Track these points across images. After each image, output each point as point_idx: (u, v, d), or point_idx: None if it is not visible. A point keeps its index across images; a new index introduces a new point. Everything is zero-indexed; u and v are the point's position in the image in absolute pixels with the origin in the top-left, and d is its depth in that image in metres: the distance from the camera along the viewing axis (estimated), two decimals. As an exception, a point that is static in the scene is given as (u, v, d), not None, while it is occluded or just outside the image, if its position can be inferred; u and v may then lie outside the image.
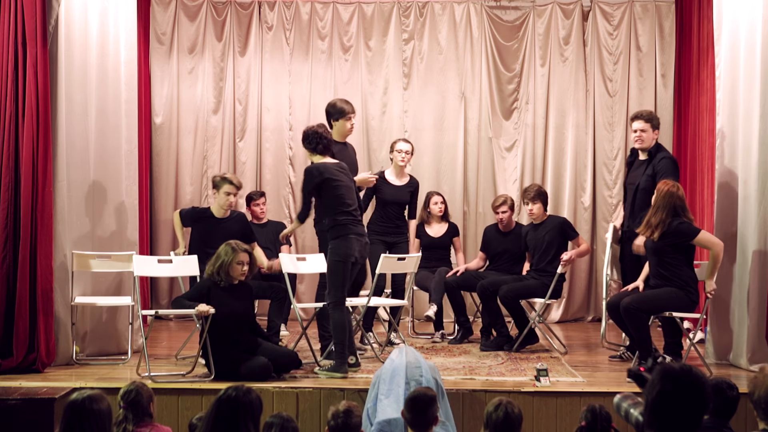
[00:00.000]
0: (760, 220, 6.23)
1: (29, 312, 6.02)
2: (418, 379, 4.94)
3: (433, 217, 7.86)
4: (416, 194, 7.53)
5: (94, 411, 3.55)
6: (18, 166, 6.07)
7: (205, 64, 9.27)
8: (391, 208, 7.35)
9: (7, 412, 5.20)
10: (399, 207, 7.38)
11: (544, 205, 7.25)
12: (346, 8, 9.28)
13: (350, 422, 3.84)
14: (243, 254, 5.83)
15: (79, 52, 6.44)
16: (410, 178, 7.52)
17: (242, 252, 5.83)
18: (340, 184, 6.05)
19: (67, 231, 6.35)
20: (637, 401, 3.39)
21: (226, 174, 6.99)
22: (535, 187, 7.32)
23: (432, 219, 7.87)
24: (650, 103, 9.06)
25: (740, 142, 6.42)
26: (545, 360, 6.54)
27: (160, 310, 6.75)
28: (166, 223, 9.01)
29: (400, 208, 7.39)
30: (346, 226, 6.00)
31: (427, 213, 7.88)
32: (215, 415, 3.49)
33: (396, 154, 7.41)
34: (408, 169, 7.60)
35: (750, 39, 6.32)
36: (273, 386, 5.57)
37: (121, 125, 6.82)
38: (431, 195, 7.93)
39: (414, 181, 7.55)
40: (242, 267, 5.82)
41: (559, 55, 9.16)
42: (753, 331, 6.24)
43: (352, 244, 5.98)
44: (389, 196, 7.33)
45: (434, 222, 7.87)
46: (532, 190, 7.25)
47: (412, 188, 7.46)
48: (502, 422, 3.68)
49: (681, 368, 2.79)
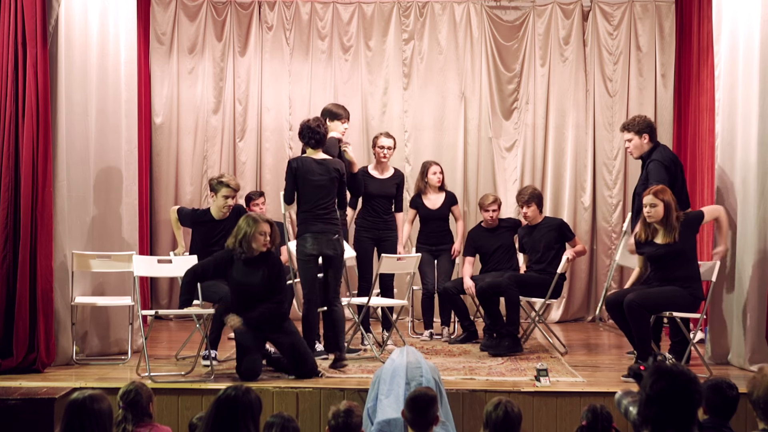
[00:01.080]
0: (759, 220, 6.24)
1: (29, 312, 6.01)
2: (418, 379, 4.94)
3: (430, 187, 7.77)
4: (402, 186, 7.53)
5: (95, 411, 3.55)
6: (18, 166, 6.07)
7: (205, 64, 9.27)
8: (377, 202, 7.36)
9: (7, 412, 5.20)
10: (385, 200, 7.38)
11: (539, 207, 7.23)
12: (346, 8, 9.28)
13: (351, 422, 3.84)
14: (264, 225, 5.83)
15: (79, 52, 6.44)
16: (394, 171, 7.52)
17: (263, 222, 5.84)
18: (311, 181, 6.27)
19: (67, 231, 6.35)
20: (637, 399, 3.41)
21: (223, 177, 6.82)
22: (529, 190, 7.29)
23: (429, 189, 7.78)
24: (650, 103, 9.07)
25: (739, 142, 6.42)
26: (545, 360, 6.54)
27: (160, 310, 6.76)
28: (166, 223, 9.01)
29: (386, 202, 7.38)
30: (304, 224, 6.29)
31: (425, 183, 7.79)
32: (215, 415, 3.49)
33: (378, 150, 7.44)
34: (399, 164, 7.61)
35: (749, 38, 6.31)
36: (273, 386, 5.57)
37: (121, 125, 6.82)
38: (429, 165, 7.84)
39: (398, 173, 7.55)
40: (264, 238, 5.82)
41: (559, 55, 9.16)
42: (753, 331, 6.23)
43: (306, 242, 6.25)
44: (375, 190, 7.35)
45: (431, 192, 7.79)
46: (526, 193, 7.23)
47: (397, 180, 7.46)
48: (502, 422, 3.68)
49: (673, 366, 2.93)
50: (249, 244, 5.79)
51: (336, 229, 6.38)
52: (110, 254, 6.51)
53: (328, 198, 6.33)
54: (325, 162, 6.39)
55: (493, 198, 7.61)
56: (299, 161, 6.36)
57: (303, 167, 6.31)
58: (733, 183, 6.46)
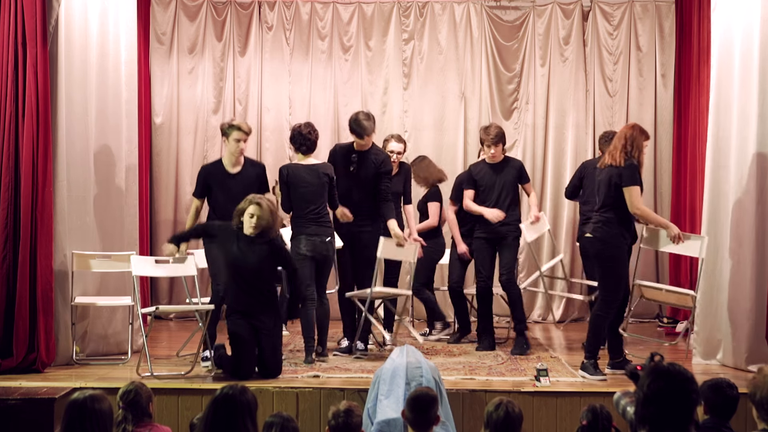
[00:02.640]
0: (758, 220, 6.23)
1: (29, 312, 6.02)
2: (418, 379, 4.93)
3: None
4: (409, 179, 7.42)
5: (95, 410, 3.55)
6: (18, 166, 6.07)
7: (205, 64, 9.27)
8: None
9: (7, 412, 5.20)
10: (396, 197, 7.30)
11: (503, 147, 7.07)
12: (346, 8, 9.28)
13: (351, 422, 3.83)
14: (252, 207, 5.87)
15: (79, 52, 6.44)
16: (401, 166, 7.39)
17: (253, 205, 5.87)
18: (301, 188, 6.48)
19: (67, 231, 6.35)
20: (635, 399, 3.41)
21: (234, 120, 6.87)
22: (495, 129, 7.02)
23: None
24: (650, 103, 9.07)
25: (733, 142, 6.39)
26: (545, 360, 6.53)
27: (160, 306, 6.74)
28: (166, 223, 9.01)
29: (396, 198, 7.33)
30: (297, 227, 6.51)
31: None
32: (212, 414, 3.49)
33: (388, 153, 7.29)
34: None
35: (748, 38, 6.30)
36: (273, 386, 5.57)
37: (121, 125, 6.83)
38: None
39: (405, 167, 7.47)
40: (251, 220, 5.85)
41: (559, 55, 9.16)
42: (751, 332, 6.21)
43: (300, 243, 6.43)
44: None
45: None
46: (493, 132, 6.97)
47: (405, 175, 7.38)
48: (503, 422, 3.68)
49: (670, 366, 2.93)
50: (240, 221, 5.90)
51: (329, 231, 6.53)
52: (110, 254, 6.52)
53: (319, 202, 6.50)
54: (315, 167, 6.51)
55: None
56: (289, 169, 6.57)
57: (292, 174, 6.50)
58: (728, 183, 6.44)
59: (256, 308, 5.86)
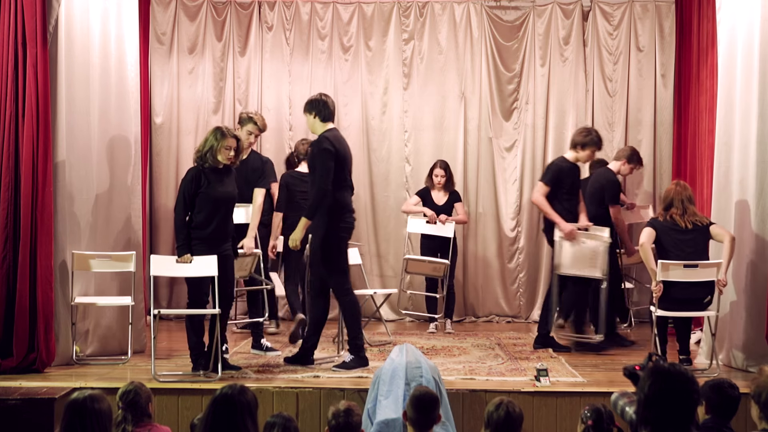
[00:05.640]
0: (758, 219, 6.23)
1: (29, 312, 6.01)
2: (418, 379, 4.93)
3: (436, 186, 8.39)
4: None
5: (95, 410, 3.56)
6: (18, 166, 6.07)
7: (205, 64, 9.27)
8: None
9: (7, 412, 5.20)
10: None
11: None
12: (346, 8, 9.28)
13: (351, 421, 3.83)
14: (231, 140, 6.01)
15: (80, 52, 6.44)
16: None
17: (231, 138, 6.02)
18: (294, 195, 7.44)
19: (67, 231, 6.35)
20: (633, 399, 3.41)
21: (253, 114, 7.09)
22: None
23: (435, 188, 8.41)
24: (650, 103, 9.08)
25: (736, 141, 6.41)
26: (545, 360, 6.54)
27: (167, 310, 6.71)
28: (166, 223, 9.01)
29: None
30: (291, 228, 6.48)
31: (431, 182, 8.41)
32: (212, 414, 3.49)
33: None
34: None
35: (748, 37, 6.30)
36: (273, 386, 5.58)
37: (123, 125, 6.84)
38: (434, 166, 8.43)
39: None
40: (229, 152, 6.00)
41: (559, 55, 9.16)
42: (751, 332, 6.22)
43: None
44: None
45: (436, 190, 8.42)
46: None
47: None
48: (503, 422, 3.68)
49: (670, 366, 2.93)
50: (215, 157, 5.96)
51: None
52: (110, 254, 6.51)
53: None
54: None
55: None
56: (289, 177, 7.57)
57: (291, 182, 7.48)
58: (732, 182, 6.45)
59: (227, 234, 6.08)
